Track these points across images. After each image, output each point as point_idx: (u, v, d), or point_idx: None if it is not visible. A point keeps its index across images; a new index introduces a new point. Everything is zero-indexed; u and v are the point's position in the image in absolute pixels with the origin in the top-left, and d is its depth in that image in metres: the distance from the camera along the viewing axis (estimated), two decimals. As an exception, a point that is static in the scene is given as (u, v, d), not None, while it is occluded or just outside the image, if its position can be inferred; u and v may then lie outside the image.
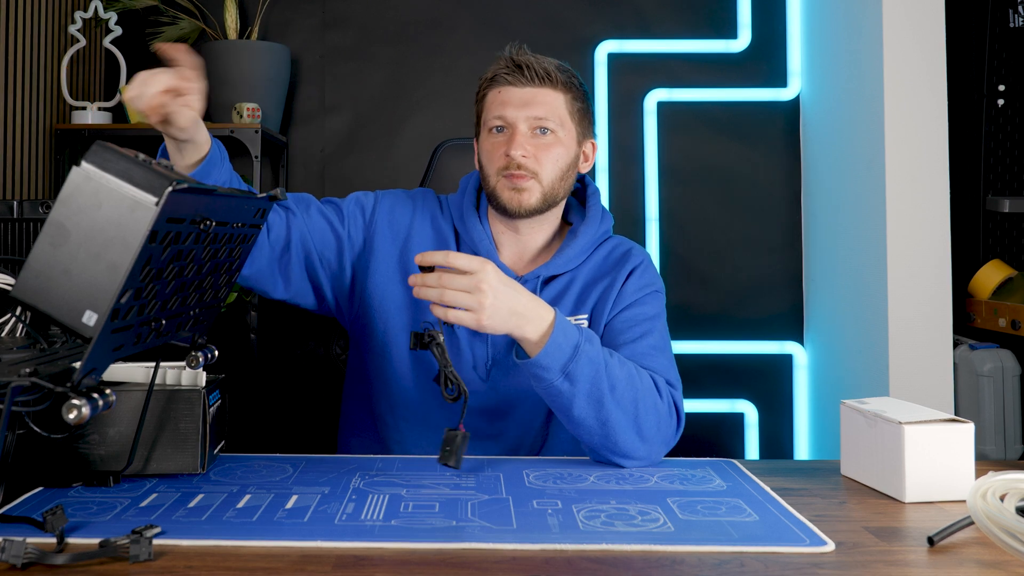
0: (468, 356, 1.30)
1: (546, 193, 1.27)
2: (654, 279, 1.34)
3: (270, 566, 0.78)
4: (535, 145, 1.26)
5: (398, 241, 1.33)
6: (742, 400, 2.56)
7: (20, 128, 2.10)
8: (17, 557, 0.75)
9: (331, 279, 1.33)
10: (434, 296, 1.07)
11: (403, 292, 1.32)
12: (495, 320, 1.08)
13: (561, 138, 1.28)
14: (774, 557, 0.82)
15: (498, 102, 1.28)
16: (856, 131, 2.21)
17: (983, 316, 2.37)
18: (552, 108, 1.27)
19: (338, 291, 1.34)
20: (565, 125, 1.28)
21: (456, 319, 1.07)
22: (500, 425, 1.32)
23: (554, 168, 1.27)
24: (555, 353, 1.10)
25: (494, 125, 1.28)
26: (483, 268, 1.07)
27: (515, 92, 1.27)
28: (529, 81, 1.26)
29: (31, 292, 0.74)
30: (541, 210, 1.28)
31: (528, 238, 1.33)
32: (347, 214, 1.33)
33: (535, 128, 1.26)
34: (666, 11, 2.59)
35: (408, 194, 1.39)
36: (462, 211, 1.34)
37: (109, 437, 1.01)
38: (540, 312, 1.11)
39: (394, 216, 1.34)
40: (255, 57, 2.37)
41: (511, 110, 1.26)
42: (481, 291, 1.07)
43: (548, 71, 1.27)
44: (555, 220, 1.35)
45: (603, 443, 1.14)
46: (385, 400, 1.35)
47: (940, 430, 1.01)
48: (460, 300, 1.07)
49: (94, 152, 0.75)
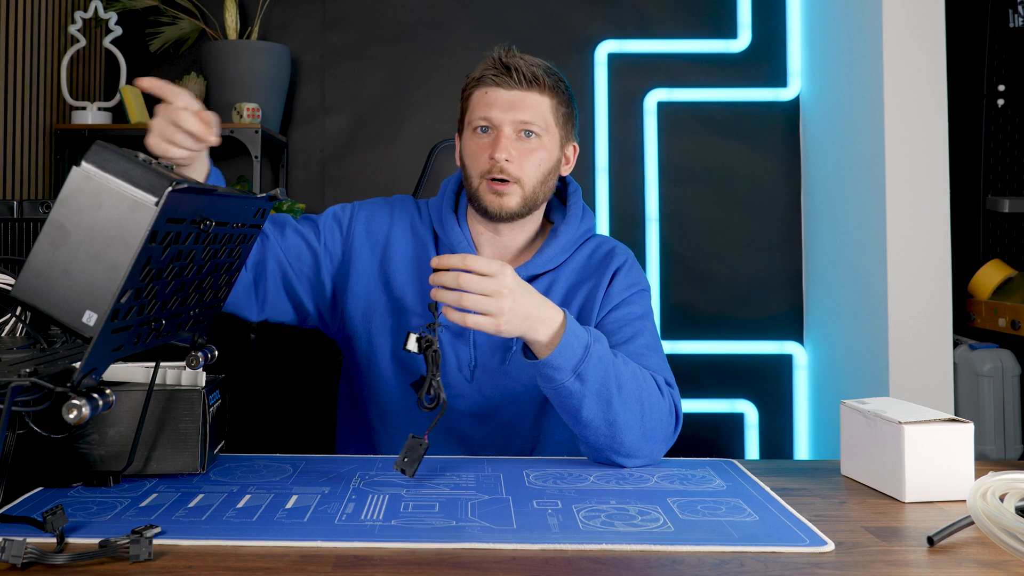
0: (452, 358, 1.30)
1: (527, 197, 1.27)
2: (639, 277, 1.33)
3: (270, 566, 0.78)
4: (519, 149, 1.26)
5: (377, 250, 1.33)
6: (742, 400, 2.56)
7: (20, 128, 2.10)
8: (17, 557, 0.75)
9: (312, 295, 1.33)
10: (452, 299, 1.05)
11: (386, 300, 1.31)
12: (512, 324, 1.07)
13: (545, 142, 1.27)
14: (774, 557, 0.82)
15: (484, 103, 1.27)
16: (856, 131, 2.21)
17: (983, 316, 2.37)
18: (538, 112, 1.26)
19: (321, 305, 1.35)
20: (550, 129, 1.28)
21: (475, 324, 1.06)
22: (486, 427, 1.32)
23: (536, 172, 1.27)
24: (567, 353, 1.09)
25: (479, 125, 1.28)
26: (503, 272, 1.06)
27: (502, 94, 1.26)
28: (517, 84, 1.26)
29: (31, 292, 0.74)
30: (522, 213, 1.28)
31: (508, 239, 1.33)
32: (323, 229, 1.33)
33: (520, 131, 1.26)
34: (666, 11, 2.59)
35: (386, 201, 1.39)
36: (441, 214, 1.33)
37: (109, 437, 1.01)
38: (551, 314, 1.10)
39: (372, 226, 1.35)
40: (255, 57, 2.37)
41: (497, 112, 1.26)
42: (502, 295, 1.06)
43: (536, 75, 1.26)
44: (536, 221, 1.35)
45: (608, 443, 1.14)
46: (374, 408, 1.35)
47: (940, 430, 1.01)
48: (480, 304, 1.05)
49: (94, 152, 0.75)
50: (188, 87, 2.36)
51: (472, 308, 1.06)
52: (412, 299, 1.30)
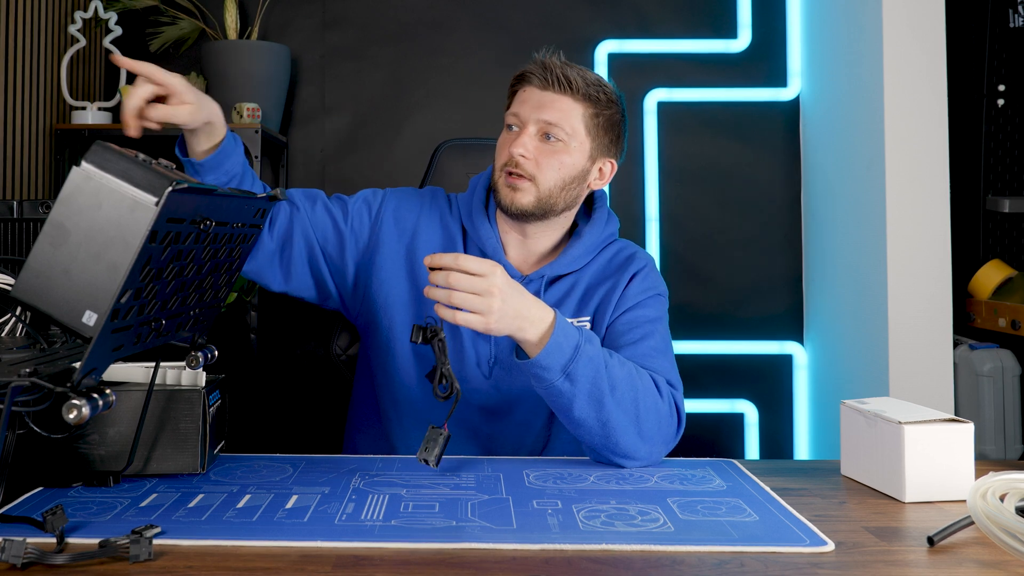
0: (471, 353, 1.30)
1: (542, 198, 1.27)
2: (657, 283, 1.34)
3: (270, 566, 0.78)
4: (539, 148, 1.26)
5: (404, 238, 1.34)
6: (742, 400, 2.56)
7: (20, 128, 2.10)
8: (17, 557, 0.75)
9: (334, 275, 1.34)
10: (442, 297, 1.07)
11: (408, 289, 1.32)
12: (502, 324, 1.08)
13: (570, 148, 1.27)
14: (774, 557, 0.82)
15: (518, 100, 1.29)
16: (856, 131, 2.21)
17: (983, 316, 2.37)
18: (565, 116, 1.26)
19: (341, 287, 1.35)
20: (576, 136, 1.27)
21: (464, 321, 1.07)
22: (501, 424, 1.32)
23: (555, 176, 1.26)
24: (556, 353, 1.10)
25: (509, 122, 1.29)
26: (493, 272, 1.07)
27: (534, 93, 1.27)
28: (549, 85, 1.26)
29: (31, 292, 0.74)
30: (536, 214, 1.28)
31: (533, 241, 1.33)
32: (352, 211, 1.34)
33: (544, 133, 1.26)
34: (666, 11, 2.59)
35: (417, 192, 1.39)
36: (471, 210, 1.34)
37: (109, 437, 1.01)
38: (541, 314, 1.11)
39: (400, 214, 1.35)
40: (255, 57, 2.37)
41: (525, 109, 1.27)
42: (491, 295, 1.06)
43: (569, 78, 1.26)
44: (562, 225, 1.34)
45: (604, 443, 1.14)
46: (388, 396, 1.35)
47: (940, 430, 1.01)
48: (469, 303, 1.06)
49: (94, 152, 0.75)
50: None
51: (461, 306, 1.07)
52: None
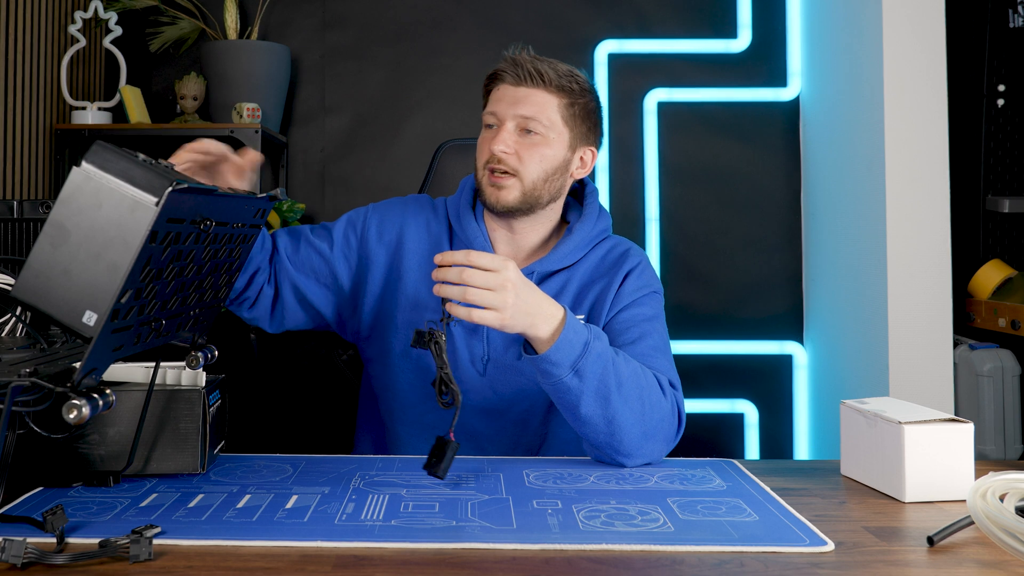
0: (464, 353, 1.30)
1: (526, 192, 1.27)
2: (652, 280, 1.34)
3: (270, 566, 0.78)
4: (519, 143, 1.27)
5: (390, 249, 1.34)
6: (742, 400, 2.56)
7: (20, 128, 2.10)
8: (17, 557, 0.75)
9: (332, 301, 1.35)
10: (456, 294, 1.06)
11: (399, 297, 1.32)
12: (516, 319, 1.07)
13: (549, 140, 1.28)
14: (774, 557, 0.82)
15: (494, 99, 1.30)
16: (856, 131, 2.21)
17: (983, 316, 2.37)
18: (541, 109, 1.27)
19: (342, 309, 1.37)
20: (555, 127, 1.28)
21: (480, 319, 1.06)
22: (496, 423, 1.32)
23: (537, 168, 1.27)
24: (566, 349, 1.09)
25: (487, 122, 1.30)
26: (505, 266, 1.07)
27: (508, 90, 1.28)
28: (521, 80, 1.27)
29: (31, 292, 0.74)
30: (522, 209, 1.29)
31: (522, 236, 1.33)
32: (336, 238, 1.35)
33: (523, 127, 1.27)
34: (666, 11, 2.59)
35: (401, 201, 1.40)
36: (458, 209, 1.34)
37: (109, 437, 1.01)
38: (552, 310, 1.11)
39: (384, 227, 1.36)
40: (255, 57, 2.37)
41: (502, 106, 1.28)
42: (505, 289, 1.06)
43: (541, 72, 1.27)
44: (550, 220, 1.35)
45: (608, 441, 1.14)
46: (384, 404, 1.36)
47: (940, 430, 1.01)
48: (484, 299, 1.06)
49: (94, 152, 0.75)
50: (188, 87, 2.36)
51: (476, 303, 1.06)
52: (426, 295, 1.31)
